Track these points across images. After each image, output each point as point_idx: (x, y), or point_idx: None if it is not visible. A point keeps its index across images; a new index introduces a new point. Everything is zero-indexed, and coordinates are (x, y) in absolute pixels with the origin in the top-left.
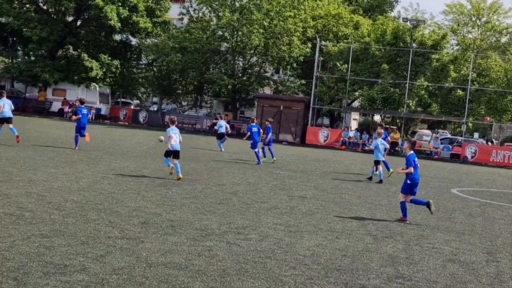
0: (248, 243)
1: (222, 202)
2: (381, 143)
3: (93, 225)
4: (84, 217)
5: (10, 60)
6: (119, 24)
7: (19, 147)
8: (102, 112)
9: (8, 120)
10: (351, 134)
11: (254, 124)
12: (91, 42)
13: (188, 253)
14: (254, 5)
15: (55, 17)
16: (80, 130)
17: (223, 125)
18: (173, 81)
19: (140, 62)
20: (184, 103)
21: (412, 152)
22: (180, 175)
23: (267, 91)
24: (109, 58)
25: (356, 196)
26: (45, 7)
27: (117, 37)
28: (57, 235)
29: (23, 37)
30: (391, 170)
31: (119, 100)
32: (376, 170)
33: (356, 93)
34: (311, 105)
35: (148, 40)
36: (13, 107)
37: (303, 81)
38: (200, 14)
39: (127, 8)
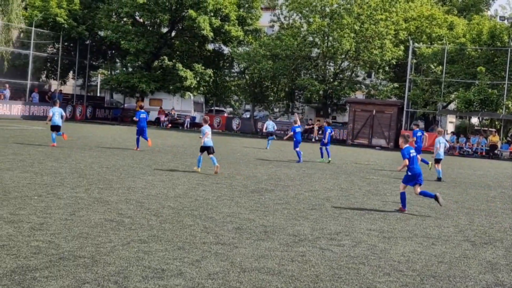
0: (341, 249)
1: (314, 208)
2: (442, 142)
3: (189, 230)
4: (180, 223)
5: (109, 72)
6: (211, 34)
7: (120, 156)
8: (197, 120)
9: (57, 128)
10: (448, 137)
11: (297, 125)
12: (185, 52)
13: (281, 258)
14: (344, 10)
15: (151, 29)
16: (140, 133)
17: (271, 125)
18: (264, 88)
19: (233, 70)
20: (276, 110)
21: (406, 145)
22: (217, 164)
23: (359, 95)
24: (203, 67)
25: (453, 201)
26: (141, 20)
27: (210, 46)
28: (155, 241)
29: (121, 49)
30: (430, 163)
31: (212, 108)
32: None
33: (452, 96)
34: (405, 108)
35: (240, 48)
36: (64, 116)
37: (396, 85)
38: (291, 21)
39: (219, 17)
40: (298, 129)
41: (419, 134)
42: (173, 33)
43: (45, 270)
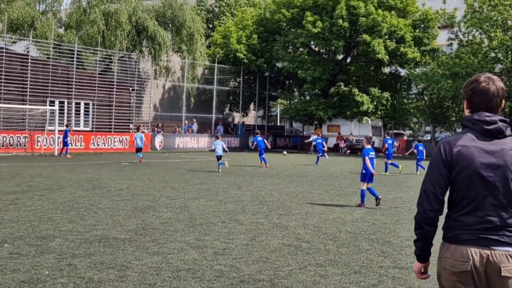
0: None
1: None
2: None
3: (365, 255)
4: (357, 247)
5: (288, 102)
6: (387, 57)
7: (298, 182)
8: (376, 145)
9: (219, 158)
10: None
11: (317, 137)
12: (361, 77)
13: None
14: None
15: (326, 57)
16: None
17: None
18: (445, 108)
19: (410, 92)
20: (458, 130)
21: (368, 146)
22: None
23: None
24: (379, 91)
25: None
26: (316, 49)
27: (386, 69)
28: (332, 265)
29: (298, 79)
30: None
31: (391, 132)
32: None
33: None
34: None
35: (417, 69)
36: (225, 148)
37: None
38: (470, 37)
39: (394, 40)
40: (318, 141)
41: (389, 142)
42: (348, 59)
43: None
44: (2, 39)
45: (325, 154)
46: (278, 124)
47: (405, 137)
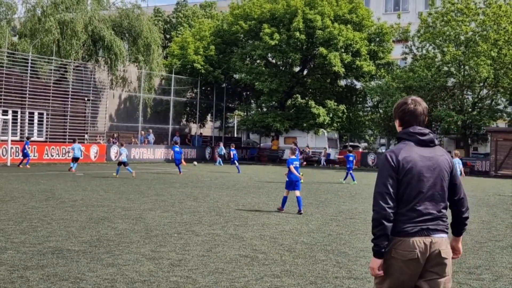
0: (481, 283)
1: None
2: (458, 163)
3: (321, 265)
4: (313, 258)
5: (245, 113)
6: (343, 70)
7: (255, 194)
8: (331, 157)
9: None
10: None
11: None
12: (318, 89)
13: None
14: (480, 37)
15: (283, 69)
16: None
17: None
18: None
19: (366, 105)
20: None
21: (291, 156)
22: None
23: (501, 124)
24: (335, 104)
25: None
26: (273, 61)
27: (342, 82)
28: (288, 275)
29: (255, 90)
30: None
31: (347, 144)
32: None
33: None
34: None
35: (372, 82)
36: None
37: None
38: (424, 52)
39: (350, 53)
40: (350, 158)
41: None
42: (305, 72)
43: None
44: None
45: None
46: (235, 135)
47: (360, 149)
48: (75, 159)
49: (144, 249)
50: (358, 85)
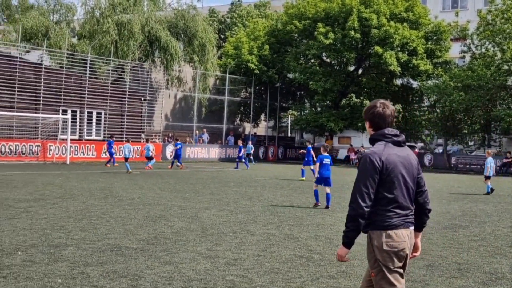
0: None
1: None
2: (490, 162)
3: None
4: None
5: (298, 113)
6: (399, 69)
7: (309, 194)
8: None
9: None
10: None
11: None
12: (373, 88)
13: None
14: None
15: (337, 68)
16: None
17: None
18: (457, 121)
19: (422, 104)
20: (470, 143)
21: (323, 153)
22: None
23: None
24: (391, 103)
25: None
26: (328, 60)
27: (398, 81)
28: (344, 277)
29: (309, 90)
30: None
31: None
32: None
33: None
34: None
35: (429, 81)
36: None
37: None
38: (483, 50)
39: (406, 52)
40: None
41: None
42: (360, 71)
43: None
44: (16, 48)
45: None
46: (289, 135)
47: (416, 150)
48: (148, 158)
49: (200, 248)
50: (415, 84)
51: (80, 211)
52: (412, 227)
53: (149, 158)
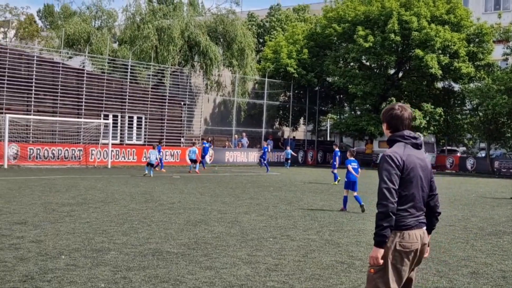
0: None
1: None
2: None
3: (420, 274)
4: None
5: (338, 117)
6: (440, 72)
7: (350, 199)
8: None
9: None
10: None
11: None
12: (413, 92)
13: None
14: None
15: (377, 71)
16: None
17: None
18: (500, 124)
19: (464, 108)
20: None
21: (350, 158)
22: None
23: None
24: (432, 107)
25: None
26: (367, 63)
27: (439, 84)
28: None
29: (348, 93)
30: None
31: (444, 148)
32: None
33: None
34: None
35: (471, 84)
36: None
37: None
38: None
39: (447, 55)
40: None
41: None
42: (400, 74)
43: None
44: (59, 54)
45: None
46: (328, 139)
47: (458, 154)
48: (193, 161)
49: (241, 253)
50: (456, 87)
51: (122, 215)
52: (425, 227)
53: (194, 161)
